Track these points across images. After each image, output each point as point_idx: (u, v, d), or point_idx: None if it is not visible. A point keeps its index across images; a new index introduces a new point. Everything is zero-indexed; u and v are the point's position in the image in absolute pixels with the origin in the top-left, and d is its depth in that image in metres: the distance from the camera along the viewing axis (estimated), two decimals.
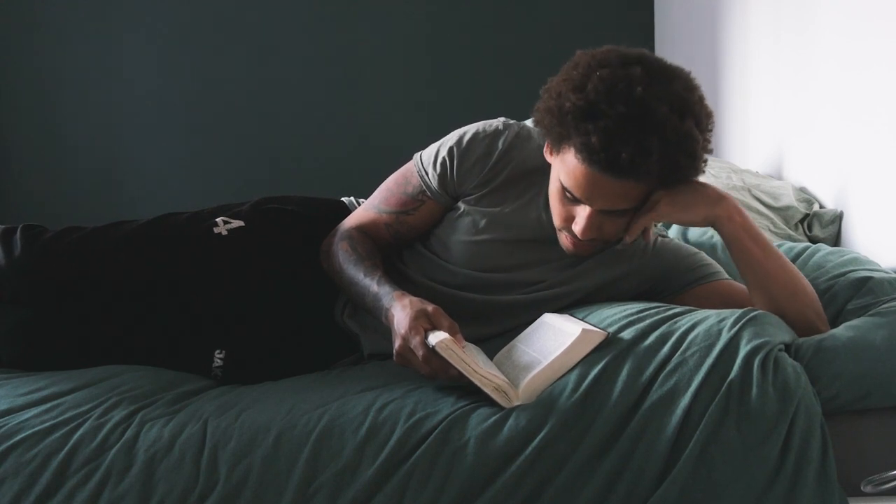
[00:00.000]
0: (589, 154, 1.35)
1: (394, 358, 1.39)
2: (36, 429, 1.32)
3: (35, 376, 1.49)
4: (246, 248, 1.63)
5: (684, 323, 1.36)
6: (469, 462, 1.24)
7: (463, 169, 1.59)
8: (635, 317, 1.39)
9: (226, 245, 1.62)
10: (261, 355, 1.57)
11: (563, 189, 1.43)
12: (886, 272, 1.60)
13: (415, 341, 1.35)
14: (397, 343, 1.38)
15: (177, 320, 1.58)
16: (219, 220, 1.65)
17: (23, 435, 1.30)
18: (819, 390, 1.29)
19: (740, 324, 1.33)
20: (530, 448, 1.24)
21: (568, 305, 1.56)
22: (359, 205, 1.78)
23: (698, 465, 1.22)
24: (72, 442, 1.30)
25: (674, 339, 1.33)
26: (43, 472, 1.26)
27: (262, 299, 1.61)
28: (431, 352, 1.33)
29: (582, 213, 1.43)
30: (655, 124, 1.33)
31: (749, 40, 2.88)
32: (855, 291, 1.55)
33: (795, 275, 1.48)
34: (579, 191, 1.40)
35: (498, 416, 1.28)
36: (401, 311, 1.40)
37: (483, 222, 1.58)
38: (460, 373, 1.30)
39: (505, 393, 1.30)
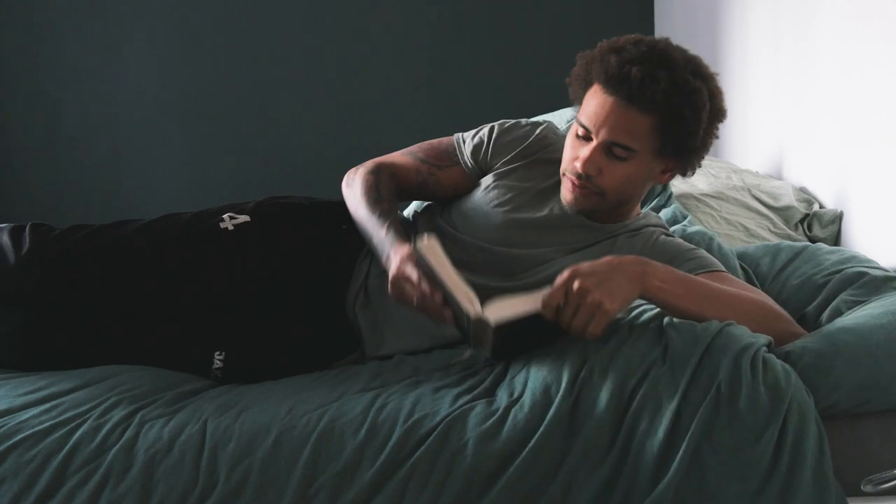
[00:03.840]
0: (606, 75, 1.50)
1: (389, 291, 1.47)
2: (36, 429, 1.31)
3: (35, 376, 1.48)
4: (251, 243, 1.63)
5: (669, 322, 1.36)
6: (468, 463, 1.24)
7: (498, 144, 1.72)
8: (622, 316, 1.39)
9: (231, 239, 1.63)
10: (261, 355, 1.57)
11: (577, 128, 1.55)
12: (884, 269, 1.61)
13: (409, 266, 1.44)
14: (393, 271, 1.46)
15: (177, 320, 1.58)
16: (225, 216, 1.66)
17: (23, 435, 1.30)
18: (817, 401, 1.28)
19: (725, 323, 1.33)
20: (528, 449, 1.24)
21: None
22: None
23: (692, 466, 1.21)
24: (71, 442, 1.30)
25: (660, 339, 1.33)
26: (43, 472, 1.26)
27: (263, 299, 1.61)
28: (429, 283, 1.40)
29: (587, 148, 1.54)
30: (670, 64, 1.49)
31: (749, 41, 2.89)
32: (849, 285, 1.55)
33: (732, 298, 1.43)
34: (589, 118, 1.52)
35: (497, 416, 1.28)
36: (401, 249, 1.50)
37: (509, 195, 1.67)
38: (451, 314, 1.38)
39: (471, 303, 1.34)
